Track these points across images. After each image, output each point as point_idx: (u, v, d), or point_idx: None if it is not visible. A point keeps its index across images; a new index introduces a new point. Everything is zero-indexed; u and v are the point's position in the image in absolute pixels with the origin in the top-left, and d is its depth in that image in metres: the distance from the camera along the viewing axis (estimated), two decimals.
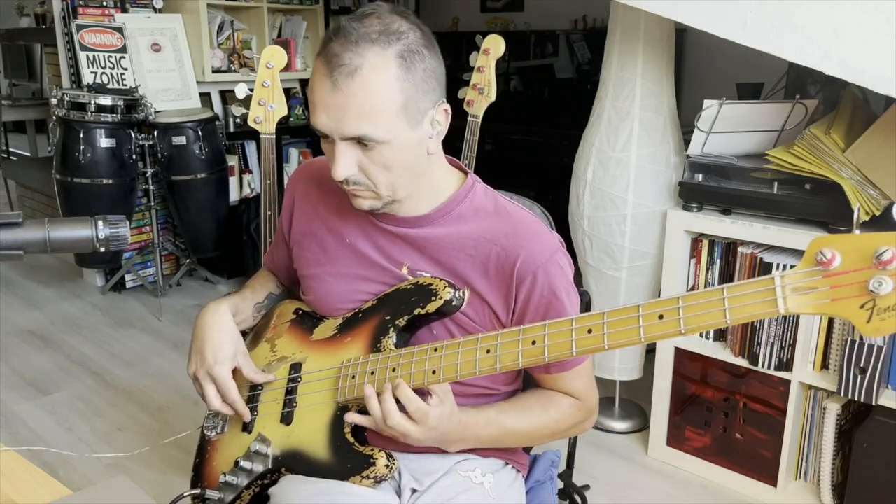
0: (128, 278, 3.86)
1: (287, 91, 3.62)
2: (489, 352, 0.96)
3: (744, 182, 2.06)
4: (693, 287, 2.20)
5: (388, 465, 1.03)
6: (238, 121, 3.82)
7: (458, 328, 1.10)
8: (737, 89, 2.66)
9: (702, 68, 3.68)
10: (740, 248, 2.07)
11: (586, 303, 1.37)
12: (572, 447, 1.57)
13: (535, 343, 0.93)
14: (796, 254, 1.96)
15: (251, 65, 3.94)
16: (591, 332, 0.89)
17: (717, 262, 2.13)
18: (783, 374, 2.03)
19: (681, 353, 2.25)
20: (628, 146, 2.24)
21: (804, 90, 2.36)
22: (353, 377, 1.06)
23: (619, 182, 2.26)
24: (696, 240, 2.18)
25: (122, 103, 3.23)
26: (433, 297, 1.05)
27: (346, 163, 1.00)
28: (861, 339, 1.84)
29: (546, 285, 1.06)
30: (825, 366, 1.99)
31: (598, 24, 4.18)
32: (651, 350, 2.45)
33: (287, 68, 2.23)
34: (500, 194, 1.17)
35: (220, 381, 1.12)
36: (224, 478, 1.12)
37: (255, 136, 3.30)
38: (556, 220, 1.38)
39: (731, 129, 2.11)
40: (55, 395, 2.76)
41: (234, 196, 3.82)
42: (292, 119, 4.14)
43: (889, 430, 1.86)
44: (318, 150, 1.71)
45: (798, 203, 1.96)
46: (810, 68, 1.73)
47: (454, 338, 1.03)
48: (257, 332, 1.28)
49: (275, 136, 1.91)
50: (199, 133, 3.38)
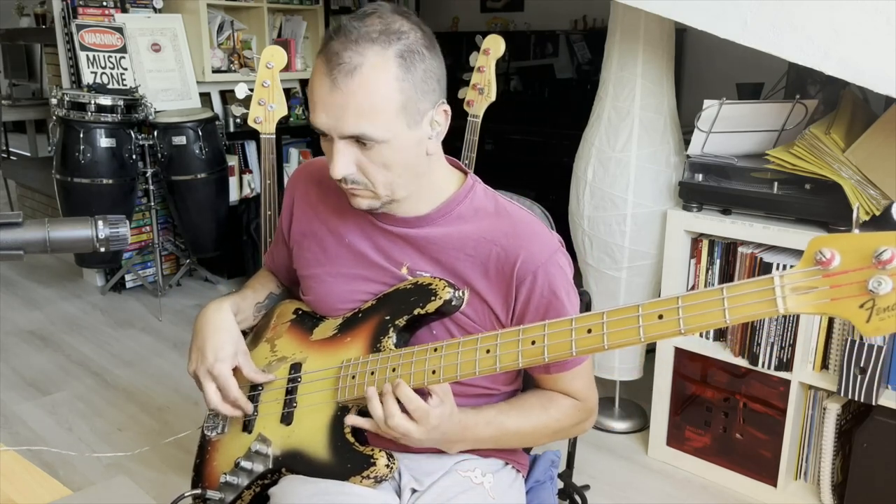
0: (128, 278, 3.86)
1: (287, 91, 3.62)
2: (489, 352, 0.96)
3: (744, 182, 2.06)
4: (693, 287, 2.20)
5: (388, 465, 1.03)
6: (238, 121, 3.82)
7: (457, 328, 1.10)
8: (737, 89, 2.66)
9: (702, 68, 3.67)
10: (740, 248, 2.07)
11: (586, 303, 1.37)
12: (572, 447, 1.57)
13: (534, 343, 0.93)
14: (796, 254, 1.96)
15: (251, 65, 3.94)
16: (590, 331, 0.89)
17: (717, 262, 2.13)
18: (783, 374, 2.03)
19: (681, 353, 2.25)
20: (628, 146, 2.24)
21: (804, 90, 2.36)
22: (353, 377, 1.06)
23: (619, 182, 2.26)
24: (696, 240, 2.18)
25: (122, 103, 3.23)
26: (433, 297, 1.05)
27: (344, 161, 1.00)
28: (861, 338, 1.84)
29: (546, 285, 1.06)
30: (825, 366, 1.99)
31: (598, 24, 4.18)
32: (651, 350, 2.45)
33: (287, 68, 2.23)
34: (500, 194, 1.16)
35: (220, 380, 1.12)
36: (224, 478, 1.12)
37: (255, 136, 3.30)
38: (556, 220, 1.38)
39: (731, 129, 2.10)
40: (55, 395, 2.76)
41: (234, 196, 3.82)
42: (292, 119, 4.14)
43: (889, 430, 1.86)
44: (318, 149, 1.71)
45: (798, 203, 1.96)
46: (810, 68, 1.73)
47: (454, 338, 1.03)
48: (257, 332, 1.28)
49: (275, 136, 1.91)
50: (199, 133, 3.38)
